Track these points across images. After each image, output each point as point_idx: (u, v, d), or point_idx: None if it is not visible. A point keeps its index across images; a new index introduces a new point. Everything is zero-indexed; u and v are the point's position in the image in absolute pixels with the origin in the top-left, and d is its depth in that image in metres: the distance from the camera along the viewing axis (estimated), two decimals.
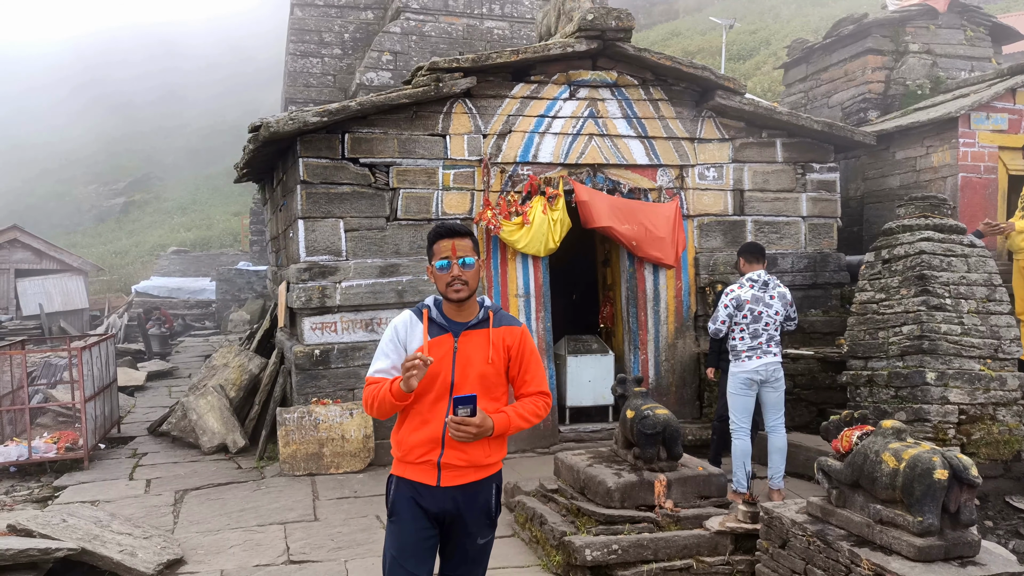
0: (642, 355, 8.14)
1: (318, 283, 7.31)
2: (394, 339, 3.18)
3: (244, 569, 5.05)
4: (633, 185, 8.12)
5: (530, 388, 3.22)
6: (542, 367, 3.28)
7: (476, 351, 3.12)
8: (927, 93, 10.35)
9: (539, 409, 3.19)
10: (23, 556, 4.66)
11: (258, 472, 7.30)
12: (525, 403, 3.19)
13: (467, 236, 3.16)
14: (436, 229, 3.17)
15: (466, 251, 3.12)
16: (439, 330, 3.14)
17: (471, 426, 2.94)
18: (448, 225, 3.18)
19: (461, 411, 2.93)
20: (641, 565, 4.58)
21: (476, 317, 3.18)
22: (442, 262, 3.11)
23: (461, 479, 3.10)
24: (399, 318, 3.25)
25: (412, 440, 3.10)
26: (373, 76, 13.40)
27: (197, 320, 20.92)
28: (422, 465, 3.09)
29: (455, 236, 3.13)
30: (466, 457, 3.07)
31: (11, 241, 19.58)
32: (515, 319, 3.29)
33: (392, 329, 3.22)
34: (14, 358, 8.32)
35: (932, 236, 6.20)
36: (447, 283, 3.10)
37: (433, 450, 3.07)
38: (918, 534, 3.58)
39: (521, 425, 3.13)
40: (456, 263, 3.09)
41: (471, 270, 3.12)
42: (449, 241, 3.11)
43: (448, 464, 3.07)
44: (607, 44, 7.70)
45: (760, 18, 27.31)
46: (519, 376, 3.21)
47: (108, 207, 37.68)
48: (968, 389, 5.83)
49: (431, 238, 3.18)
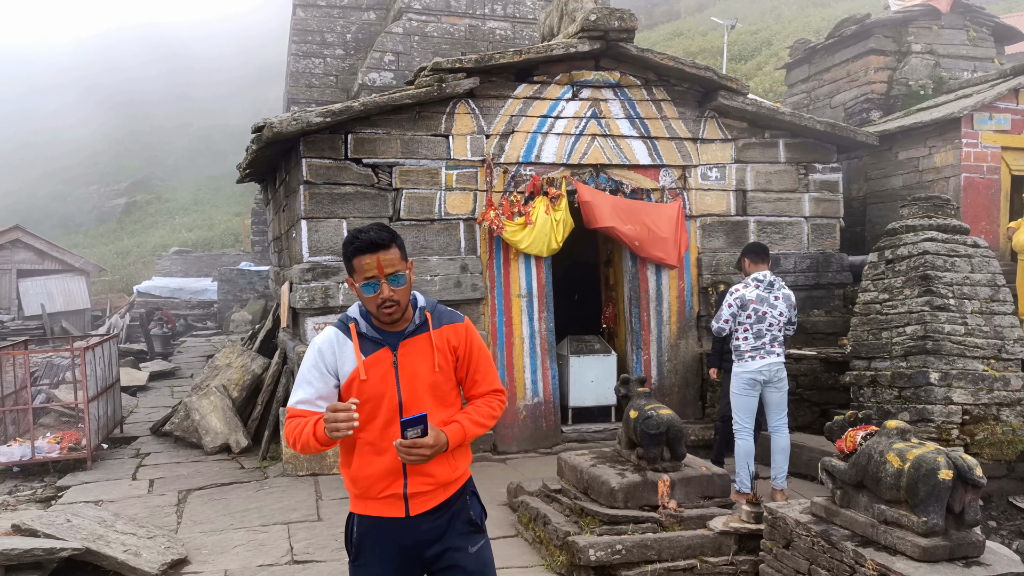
0: (645, 355, 8.14)
1: (321, 283, 7.31)
2: (319, 364, 2.72)
3: (248, 569, 5.06)
4: (636, 185, 8.12)
5: (481, 388, 2.88)
6: (491, 362, 2.93)
7: (420, 360, 2.74)
8: (930, 93, 10.35)
9: (494, 409, 2.86)
10: (28, 556, 4.67)
11: (261, 472, 7.30)
12: (479, 406, 2.85)
13: (391, 245, 2.67)
14: (353, 243, 2.66)
15: (393, 264, 2.65)
16: (373, 345, 2.73)
17: (423, 447, 2.56)
18: (366, 238, 2.65)
19: (411, 433, 2.58)
20: (645, 565, 4.58)
21: (412, 323, 2.76)
22: (368, 284, 2.65)
23: (432, 502, 2.75)
24: (322, 338, 2.77)
25: (368, 474, 2.71)
26: (375, 76, 13.40)
27: (199, 320, 20.94)
28: (386, 499, 2.72)
29: (378, 250, 2.63)
30: (432, 480, 2.73)
31: (13, 241, 19.61)
32: (456, 313, 2.89)
33: (315, 352, 2.74)
34: (17, 358, 8.33)
35: (935, 236, 6.20)
36: (377, 305, 2.67)
37: (396, 482, 2.70)
38: (923, 534, 3.58)
39: (477, 432, 2.79)
40: (385, 281, 2.64)
41: (403, 287, 2.68)
42: (372, 257, 2.63)
43: (415, 493, 2.72)
44: (610, 44, 7.70)
45: (761, 18, 27.31)
46: (468, 376, 2.86)
47: (110, 207, 37.71)
48: (972, 389, 5.83)
49: (349, 253, 2.68)
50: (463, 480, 2.87)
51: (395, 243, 2.69)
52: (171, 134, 44.22)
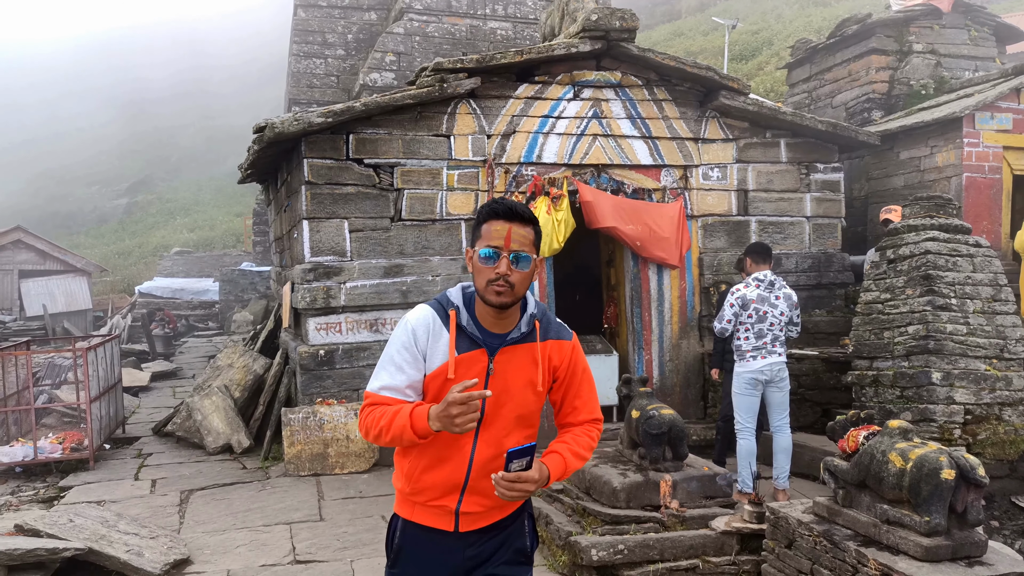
0: (646, 355, 8.14)
1: (323, 283, 7.32)
2: (411, 346, 2.36)
3: (250, 569, 5.06)
4: (637, 185, 8.12)
5: (581, 416, 2.52)
6: (595, 388, 2.58)
7: (517, 373, 2.38)
8: (931, 93, 10.34)
9: (593, 441, 2.51)
10: (31, 556, 4.67)
11: (263, 472, 7.31)
12: (578, 436, 2.49)
13: (530, 224, 2.34)
14: (492, 206, 2.34)
15: (524, 244, 2.30)
16: (470, 343, 2.36)
17: (528, 483, 2.22)
18: (507, 203, 2.33)
19: (515, 465, 2.20)
20: (647, 565, 4.58)
21: (518, 328, 2.39)
22: (488, 251, 2.29)
23: (484, 521, 2.43)
24: (416, 318, 2.39)
25: (425, 480, 2.40)
26: (376, 77, 13.41)
27: (200, 321, 20.96)
28: (436, 509, 2.42)
29: (514, 220, 2.30)
30: (490, 502, 2.39)
31: (15, 242, 19.65)
32: (564, 327, 2.52)
33: (408, 333, 2.37)
34: (19, 359, 8.34)
35: (937, 236, 6.19)
36: (488, 280, 2.29)
37: (451, 495, 2.39)
38: (925, 534, 3.58)
39: (576, 467, 2.43)
40: (506, 257, 2.28)
41: (524, 271, 2.31)
42: (505, 225, 2.29)
43: (467, 512, 2.41)
44: (611, 44, 7.70)
45: (763, 18, 27.30)
46: (567, 402, 2.51)
47: (112, 208, 37.78)
48: (974, 389, 5.82)
49: (482, 215, 2.35)
50: (523, 500, 2.49)
51: (534, 226, 2.37)
52: (172, 134, 44.29)
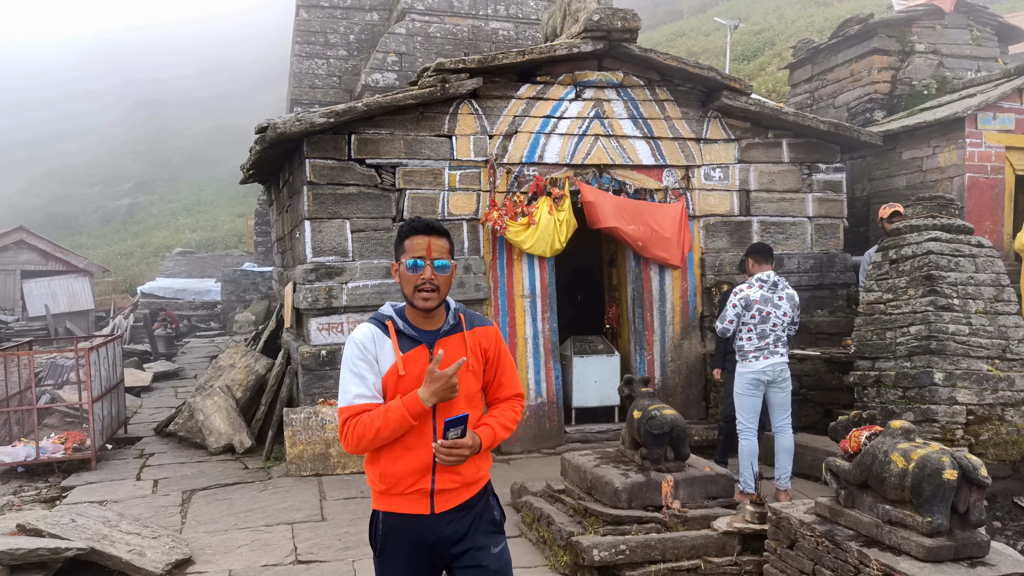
0: (648, 356, 8.14)
1: (324, 284, 7.32)
2: (365, 356, 2.73)
3: (252, 569, 5.06)
4: (639, 185, 8.12)
5: (506, 392, 2.93)
6: (515, 367, 3.01)
7: (455, 359, 2.73)
8: (933, 93, 10.33)
9: (516, 414, 2.92)
10: (33, 556, 4.68)
11: (265, 472, 7.31)
12: (504, 410, 2.90)
13: (444, 236, 2.80)
14: (410, 223, 2.79)
15: (442, 252, 2.75)
16: (410, 342, 2.76)
17: (463, 448, 2.63)
18: (424, 221, 2.79)
19: (452, 433, 2.58)
20: (649, 565, 4.58)
21: (447, 322, 2.82)
22: (412, 262, 2.72)
23: (455, 500, 2.79)
24: (359, 333, 2.78)
25: (397, 471, 2.73)
26: (378, 77, 13.41)
27: (202, 321, 20.99)
28: (412, 495, 2.75)
29: (431, 234, 2.75)
30: (459, 478, 2.77)
31: (17, 242, 19.67)
32: (485, 318, 2.96)
33: (357, 347, 2.75)
34: (21, 359, 8.35)
35: (940, 236, 6.18)
36: (415, 286, 2.72)
37: (424, 477, 2.74)
38: (927, 534, 3.57)
39: (503, 436, 2.84)
40: (429, 264, 2.72)
41: (445, 275, 2.75)
42: (424, 239, 2.74)
43: (441, 490, 2.76)
44: (613, 45, 7.70)
45: (764, 19, 27.28)
46: (495, 380, 2.91)
47: (114, 208, 37.82)
48: (976, 389, 5.81)
49: (403, 233, 2.78)
50: (484, 481, 2.91)
51: (447, 237, 2.81)
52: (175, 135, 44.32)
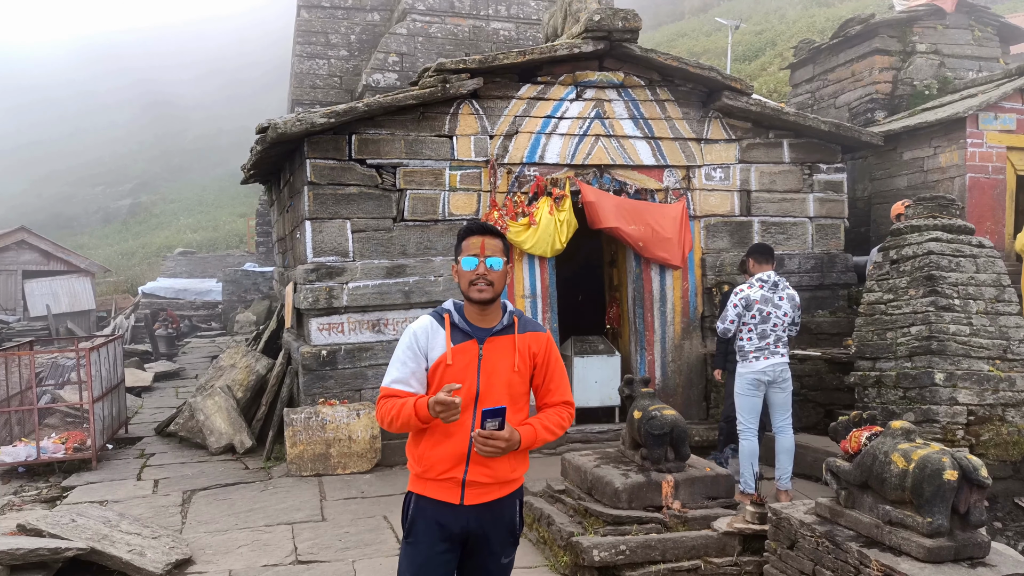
0: (648, 356, 8.13)
1: (325, 284, 7.32)
2: (413, 346, 2.98)
3: (252, 569, 5.06)
4: (640, 186, 8.11)
5: (554, 398, 3.08)
6: (566, 375, 3.15)
7: (502, 359, 2.95)
8: (934, 93, 10.32)
9: (564, 420, 3.05)
10: (33, 556, 4.68)
11: (265, 472, 7.31)
12: (550, 414, 3.03)
13: (499, 237, 3.02)
14: (468, 225, 3.04)
15: (495, 251, 2.96)
16: (462, 336, 2.97)
17: (499, 440, 2.76)
18: (480, 223, 3.06)
19: (489, 424, 2.72)
20: (649, 566, 4.57)
21: (500, 323, 3.01)
22: (469, 259, 2.94)
23: (486, 496, 2.93)
24: (418, 324, 3.03)
25: (434, 456, 2.91)
26: (379, 77, 13.40)
27: (203, 321, 20.99)
28: (444, 482, 2.92)
29: (486, 234, 2.99)
30: (491, 473, 2.91)
31: (19, 242, 19.68)
32: (540, 325, 3.15)
33: (411, 335, 3.00)
34: (22, 359, 8.35)
35: (940, 236, 6.18)
36: (471, 281, 2.93)
37: (457, 466, 2.90)
38: (927, 535, 3.56)
39: (547, 438, 2.96)
40: (483, 261, 2.93)
41: (498, 271, 2.95)
42: (479, 238, 2.96)
43: (473, 481, 2.90)
44: (614, 45, 7.70)
45: (766, 19, 27.26)
46: (543, 385, 3.06)
47: (115, 208, 37.84)
48: (977, 390, 5.81)
49: (461, 234, 3.03)
50: (517, 484, 3.05)
51: (502, 238, 3.04)
52: (176, 135, 44.35)
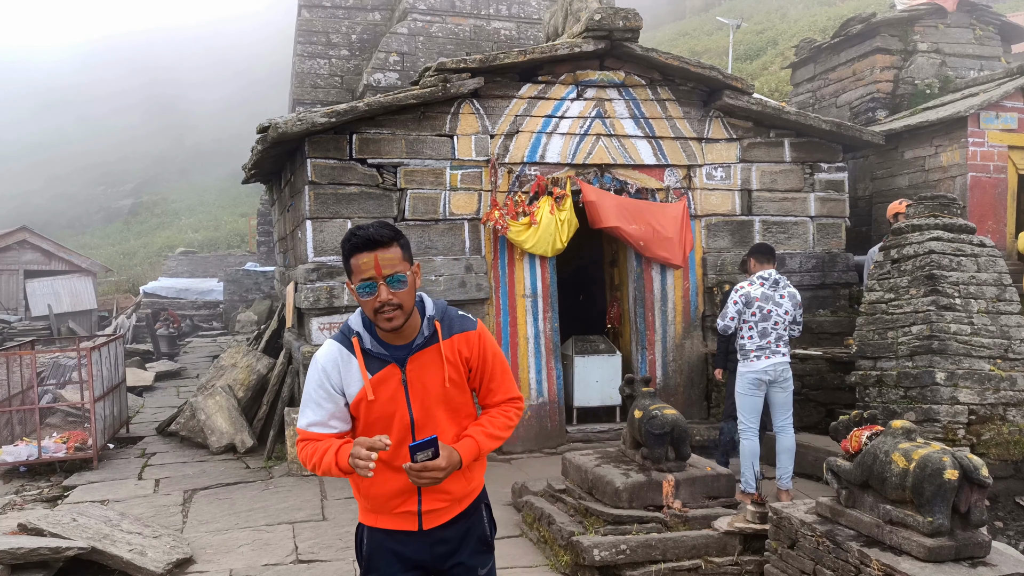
0: (649, 355, 8.13)
1: (326, 283, 7.33)
2: (323, 384, 2.55)
3: (253, 568, 5.07)
4: (640, 185, 8.11)
5: (497, 397, 2.72)
6: (508, 368, 2.75)
7: (431, 375, 2.56)
8: (936, 92, 10.31)
9: (510, 419, 2.71)
10: (34, 555, 4.69)
11: (266, 472, 7.32)
12: (493, 417, 2.69)
13: (391, 243, 2.44)
14: (351, 240, 2.45)
15: (394, 264, 2.43)
16: (380, 363, 2.54)
17: (435, 470, 2.42)
18: (363, 235, 2.43)
19: (420, 456, 2.43)
20: (649, 565, 4.57)
21: (420, 334, 2.56)
22: (365, 284, 2.42)
23: (446, 516, 2.65)
24: (324, 354, 2.58)
25: (382, 493, 2.60)
26: (380, 77, 13.41)
27: (205, 321, 21.01)
28: (400, 515, 2.62)
29: (376, 247, 2.41)
30: (448, 496, 2.62)
31: (20, 242, 19.71)
32: (467, 318, 2.68)
33: (319, 371, 2.56)
34: (24, 358, 8.36)
35: (942, 236, 6.17)
36: (374, 310, 2.45)
37: (409, 499, 2.60)
38: (928, 534, 3.56)
39: (493, 445, 2.65)
40: (383, 283, 2.41)
41: (404, 288, 2.44)
42: (370, 255, 2.41)
43: (429, 510, 2.62)
44: (614, 44, 7.70)
45: (767, 18, 27.25)
46: (483, 386, 2.69)
47: (117, 208, 37.87)
48: (978, 389, 5.80)
49: (345, 251, 2.47)
50: (478, 491, 2.76)
51: (396, 242, 2.47)
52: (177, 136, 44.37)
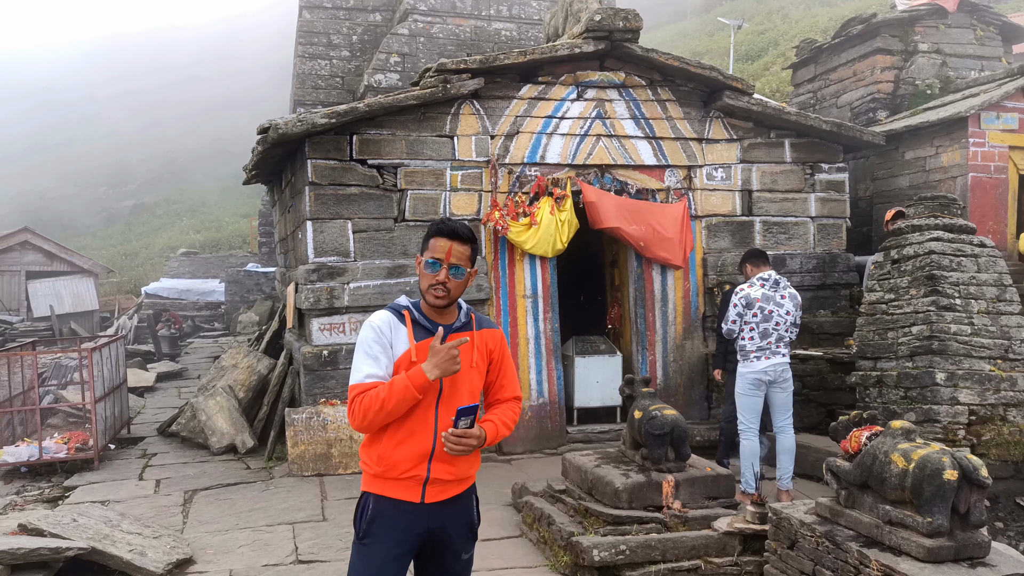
0: (650, 356, 8.13)
1: (326, 284, 7.33)
2: (380, 339, 2.85)
3: (253, 569, 5.07)
4: (641, 186, 8.11)
5: (507, 393, 3.05)
6: (515, 370, 3.12)
7: (463, 356, 2.84)
8: (936, 93, 10.30)
9: (515, 415, 3.03)
10: (34, 555, 4.69)
11: (267, 472, 7.32)
12: (504, 410, 3.00)
13: (468, 242, 2.87)
14: (438, 225, 2.89)
15: (461, 259, 2.84)
16: (424, 332, 2.88)
17: (472, 438, 2.72)
18: (452, 225, 2.87)
19: (463, 423, 2.67)
20: (649, 566, 4.57)
21: (459, 319, 2.95)
22: (432, 261, 2.83)
23: (446, 493, 2.88)
24: (377, 318, 2.91)
25: (397, 455, 2.82)
26: (381, 78, 13.41)
27: (206, 321, 21.01)
28: (406, 481, 2.84)
29: (455, 239, 2.84)
30: (454, 470, 2.86)
31: (22, 243, 19.73)
32: (493, 322, 3.09)
33: (373, 330, 2.87)
34: (25, 359, 8.37)
35: (942, 236, 6.17)
36: (429, 284, 2.84)
37: (420, 464, 2.82)
38: (927, 535, 3.56)
39: (504, 434, 2.93)
40: (446, 268, 2.82)
41: (459, 280, 2.84)
42: (447, 243, 2.83)
43: (436, 479, 2.84)
44: (615, 45, 7.70)
45: (768, 19, 27.24)
46: (496, 381, 3.03)
47: (118, 209, 37.92)
48: (978, 390, 5.80)
49: (430, 231, 2.89)
50: (472, 480, 3.03)
51: (472, 243, 2.90)
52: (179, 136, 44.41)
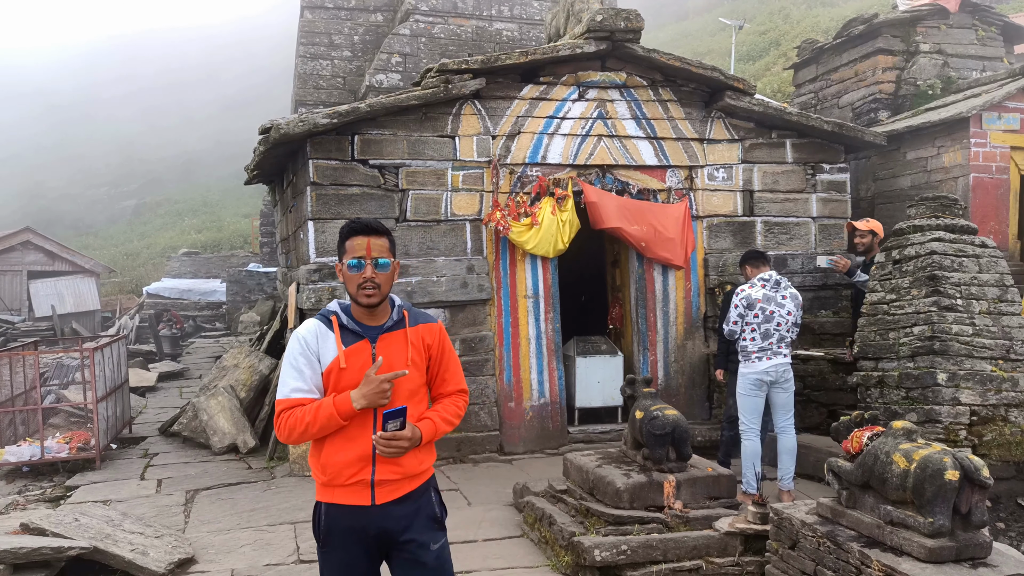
0: (651, 356, 8.13)
1: (328, 284, 7.33)
2: (305, 352, 2.85)
3: (255, 568, 5.08)
4: (642, 186, 8.11)
5: (449, 387, 3.04)
6: (459, 364, 3.12)
7: (396, 354, 2.88)
8: (938, 93, 10.30)
9: (460, 409, 3.03)
10: (36, 555, 4.70)
11: (268, 472, 7.33)
12: (447, 405, 3.01)
13: (384, 235, 2.90)
14: (350, 224, 2.90)
15: (382, 251, 2.86)
16: (353, 337, 2.87)
17: (402, 440, 2.74)
18: (364, 221, 2.90)
19: (391, 426, 2.70)
20: (650, 566, 4.57)
21: (390, 318, 2.94)
22: (354, 261, 2.83)
23: (397, 493, 2.87)
24: (304, 328, 2.91)
25: (338, 461, 2.83)
26: (383, 78, 13.43)
27: (208, 321, 21.03)
28: (353, 486, 2.84)
29: (371, 234, 2.86)
30: (400, 470, 2.85)
31: (24, 243, 19.78)
32: (430, 315, 3.10)
33: (299, 341, 2.87)
34: (27, 359, 8.38)
35: (943, 236, 6.16)
36: (358, 285, 2.83)
37: (364, 468, 2.83)
38: (929, 535, 3.56)
39: (446, 430, 2.95)
40: (370, 263, 2.83)
41: (386, 272, 2.86)
42: (364, 239, 2.85)
43: (382, 481, 2.84)
44: (616, 45, 7.70)
45: (770, 19, 27.24)
46: (439, 375, 3.02)
47: (120, 209, 37.96)
48: (980, 390, 5.79)
49: (343, 234, 2.89)
50: (428, 475, 3.01)
51: (388, 236, 2.91)
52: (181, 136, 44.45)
